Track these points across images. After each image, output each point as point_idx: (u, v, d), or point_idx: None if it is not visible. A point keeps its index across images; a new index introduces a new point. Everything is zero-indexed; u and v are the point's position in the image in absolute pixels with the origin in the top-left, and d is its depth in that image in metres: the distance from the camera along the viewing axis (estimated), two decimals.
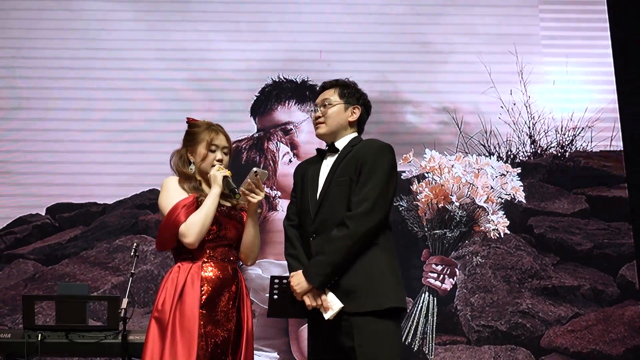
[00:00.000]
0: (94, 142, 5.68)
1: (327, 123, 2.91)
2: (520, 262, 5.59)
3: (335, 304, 2.68)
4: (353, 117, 2.94)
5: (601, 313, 5.51)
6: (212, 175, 2.93)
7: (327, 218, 2.79)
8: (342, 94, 2.94)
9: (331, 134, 2.93)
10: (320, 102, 2.95)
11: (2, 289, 5.43)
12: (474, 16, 6.06)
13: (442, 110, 5.87)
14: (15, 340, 3.90)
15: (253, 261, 3.08)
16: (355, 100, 2.95)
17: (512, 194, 5.54)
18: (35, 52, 5.83)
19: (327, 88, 2.98)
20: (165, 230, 2.89)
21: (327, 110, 2.91)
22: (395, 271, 2.78)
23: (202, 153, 2.99)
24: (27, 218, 5.62)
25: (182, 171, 3.02)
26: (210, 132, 3.01)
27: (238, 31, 5.95)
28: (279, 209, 5.59)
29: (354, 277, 2.71)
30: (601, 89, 5.98)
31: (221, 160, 3.00)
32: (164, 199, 2.94)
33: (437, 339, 5.38)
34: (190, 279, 2.85)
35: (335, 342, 2.74)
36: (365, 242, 2.72)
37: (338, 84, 2.98)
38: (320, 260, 2.72)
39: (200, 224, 2.84)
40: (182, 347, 2.74)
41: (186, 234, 2.84)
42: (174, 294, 2.82)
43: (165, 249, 3.00)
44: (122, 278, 5.37)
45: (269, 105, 5.83)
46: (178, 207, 2.87)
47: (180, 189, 2.96)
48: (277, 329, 5.36)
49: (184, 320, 2.79)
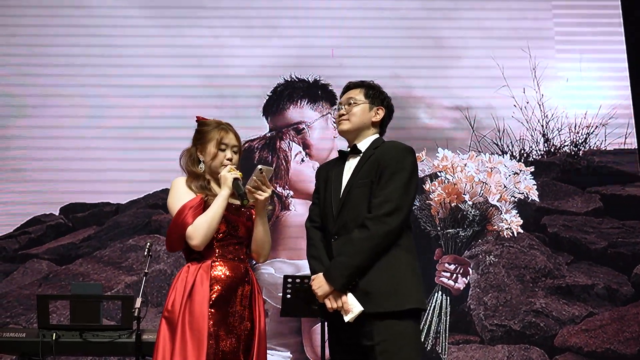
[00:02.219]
0: (107, 142, 5.71)
1: (350, 120, 2.92)
2: (533, 261, 5.56)
3: (356, 306, 2.67)
4: (377, 117, 2.96)
5: (615, 312, 5.48)
6: (222, 176, 2.92)
7: (348, 220, 2.78)
8: (368, 94, 2.96)
9: (353, 132, 2.93)
10: (345, 100, 2.97)
11: (17, 288, 5.46)
12: (487, 13, 6.04)
13: (455, 109, 5.86)
14: (30, 339, 3.93)
15: (265, 258, 3.09)
16: (379, 102, 2.97)
17: (526, 193, 5.52)
18: (49, 52, 5.85)
19: (352, 88, 3.00)
20: (173, 232, 2.89)
21: (352, 108, 2.93)
22: (416, 272, 2.78)
23: (212, 152, 2.99)
24: (41, 218, 5.65)
25: (191, 170, 3.01)
26: (220, 131, 3.01)
27: (250, 30, 5.96)
28: (292, 208, 5.59)
29: (375, 278, 2.71)
30: (615, 87, 5.94)
31: (231, 159, 2.99)
32: (172, 200, 2.94)
33: (450, 338, 5.37)
34: (199, 278, 2.85)
35: (355, 342, 2.74)
36: (386, 244, 2.72)
37: (364, 84, 3.00)
38: (341, 262, 2.71)
39: (207, 226, 2.84)
40: (192, 347, 2.74)
41: (192, 236, 2.84)
42: (183, 293, 2.83)
43: (174, 249, 3.00)
44: (136, 277, 5.39)
45: (281, 104, 5.83)
46: (185, 208, 2.87)
47: (188, 189, 2.95)
48: (290, 328, 5.36)
49: (193, 319, 2.79)
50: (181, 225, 2.85)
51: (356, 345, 2.74)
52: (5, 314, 5.35)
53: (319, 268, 2.80)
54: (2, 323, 5.27)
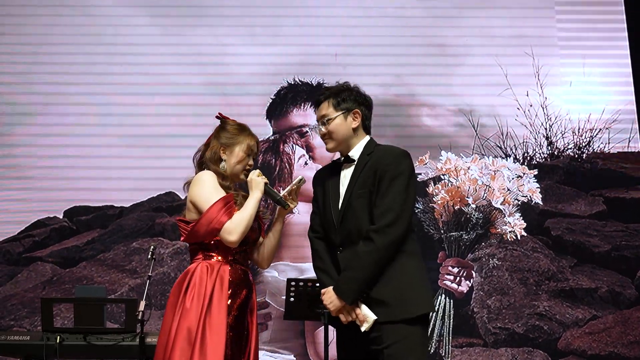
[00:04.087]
0: (110, 145, 5.72)
1: (333, 138, 2.85)
2: (537, 264, 5.56)
3: (370, 316, 2.69)
4: (356, 122, 2.86)
5: (619, 315, 5.47)
6: (252, 180, 2.92)
7: (351, 229, 2.77)
8: (337, 103, 2.86)
9: (341, 146, 2.88)
10: (320, 119, 2.89)
11: (21, 291, 5.47)
12: (490, 18, 6.04)
13: (458, 112, 5.86)
14: (34, 342, 3.95)
15: (268, 265, 3.13)
16: (352, 105, 2.87)
17: (529, 196, 5.51)
18: (52, 57, 5.87)
19: (321, 102, 2.90)
20: (206, 224, 2.84)
21: (329, 126, 2.85)
22: (423, 276, 2.79)
23: (240, 155, 2.98)
24: (45, 221, 5.66)
25: (214, 168, 2.98)
26: (251, 137, 3.02)
27: (254, 33, 5.97)
28: (295, 211, 5.56)
29: (383, 288, 2.71)
30: (619, 90, 5.95)
31: (252, 165, 3.01)
32: (204, 192, 2.89)
33: (453, 341, 5.36)
34: (219, 281, 2.85)
35: (364, 348, 2.74)
36: (392, 253, 2.71)
37: (330, 94, 2.89)
38: (349, 277, 2.70)
39: (245, 224, 2.84)
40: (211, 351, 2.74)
41: (232, 231, 2.82)
42: (204, 298, 2.82)
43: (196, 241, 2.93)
44: (139, 280, 5.40)
45: (284, 108, 5.84)
46: (223, 203, 2.86)
47: (218, 185, 2.93)
48: (293, 331, 5.36)
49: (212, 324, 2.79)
50: (218, 220, 2.83)
51: (364, 351, 2.75)
52: (9, 317, 5.36)
53: (329, 282, 2.78)
54: (7, 326, 5.28)
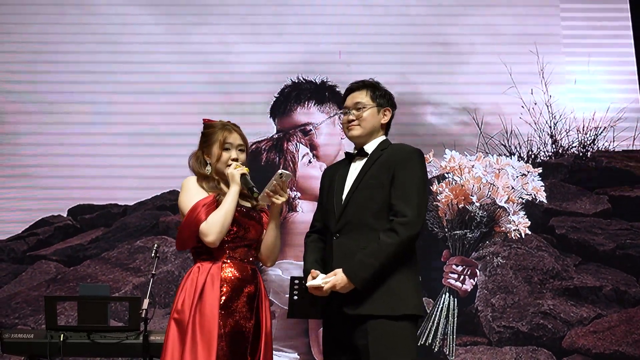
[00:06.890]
0: (114, 144, 5.73)
1: (362, 125, 2.87)
2: (541, 263, 5.55)
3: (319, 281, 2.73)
4: (385, 119, 2.92)
5: (624, 314, 5.45)
6: (229, 174, 2.92)
7: (352, 219, 2.78)
8: (374, 96, 2.90)
9: (364, 137, 2.89)
10: (352, 104, 2.90)
11: (25, 289, 5.48)
12: (494, 16, 6.03)
13: (463, 111, 5.85)
14: (38, 340, 3.95)
15: (273, 262, 3.10)
16: (386, 102, 2.92)
17: (533, 194, 5.50)
18: (56, 56, 5.88)
19: (355, 90, 2.92)
20: (186, 229, 2.89)
21: (362, 113, 2.86)
22: (414, 276, 2.78)
23: (216, 153, 2.99)
24: (49, 220, 5.67)
25: (199, 172, 3.02)
26: (224, 132, 3.00)
27: (257, 32, 5.97)
28: (299, 209, 5.60)
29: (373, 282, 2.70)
30: (623, 88, 5.93)
31: (236, 158, 2.99)
32: (184, 199, 2.94)
33: (457, 339, 5.35)
34: (210, 279, 2.85)
35: (350, 342, 2.74)
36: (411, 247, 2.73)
37: (367, 85, 2.93)
38: (367, 263, 2.68)
39: (221, 222, 2.84)
40: (202, 348, 2.74)
41: (207, 232, 2.84)
42: (194, 294, 2.83)
43: (185, 248, 3.00)
44: (143, 279, 5.40)
45: (288, 106, 5.83)
46: (198, 206, 2.87)
47: (200, 188, 2.96)
48: (297, 329, 5.36)
49: (204, 321, 2.79)
50: (194, 223, 2.85)
51: (350, 344, 2.74)
52: (13, 315, 5.37)
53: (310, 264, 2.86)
54: (11, 324, 5.29)
